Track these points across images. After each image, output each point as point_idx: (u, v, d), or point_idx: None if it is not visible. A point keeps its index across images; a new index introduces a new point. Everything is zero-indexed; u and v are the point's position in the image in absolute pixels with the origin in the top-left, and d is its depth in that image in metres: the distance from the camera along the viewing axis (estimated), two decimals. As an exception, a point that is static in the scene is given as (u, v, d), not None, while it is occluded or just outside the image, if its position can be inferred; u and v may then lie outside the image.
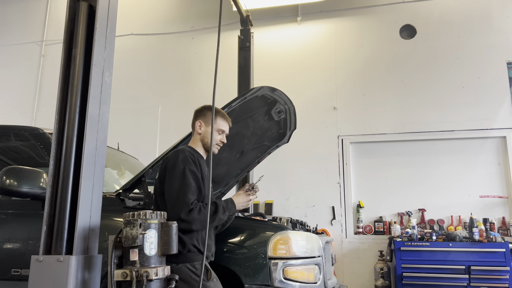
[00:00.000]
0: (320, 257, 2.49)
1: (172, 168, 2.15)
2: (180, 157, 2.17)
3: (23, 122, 6.89)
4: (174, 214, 2.01)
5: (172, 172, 2.14)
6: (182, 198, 2.05)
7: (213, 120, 2.07)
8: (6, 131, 2.88)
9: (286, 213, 5.85)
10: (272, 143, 3.33)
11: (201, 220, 2.04)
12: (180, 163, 2.14)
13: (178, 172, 2.12)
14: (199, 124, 2.37)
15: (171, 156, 2.22)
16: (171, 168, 2.15)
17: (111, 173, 3.35)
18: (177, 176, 2.12)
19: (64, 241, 1.80)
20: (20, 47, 7.61)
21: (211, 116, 2.18)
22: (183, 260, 2.02)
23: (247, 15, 5.03)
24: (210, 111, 2.35)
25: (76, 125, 1.94)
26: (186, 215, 2.02)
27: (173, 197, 2.08)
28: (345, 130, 6.02)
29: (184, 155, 2.18)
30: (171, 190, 2.11)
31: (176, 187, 2.09)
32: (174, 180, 2.11)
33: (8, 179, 2.17)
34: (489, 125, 5.59)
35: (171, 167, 2.16)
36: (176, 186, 2.10)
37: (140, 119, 6.71)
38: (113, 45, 2.16)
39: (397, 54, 6.08)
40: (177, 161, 2.15)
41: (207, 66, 6.51)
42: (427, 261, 4.71)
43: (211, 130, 2.05)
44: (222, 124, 2.39)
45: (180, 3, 7.15)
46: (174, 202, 2.07)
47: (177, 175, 2.12)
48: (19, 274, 2.35)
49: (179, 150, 2.23)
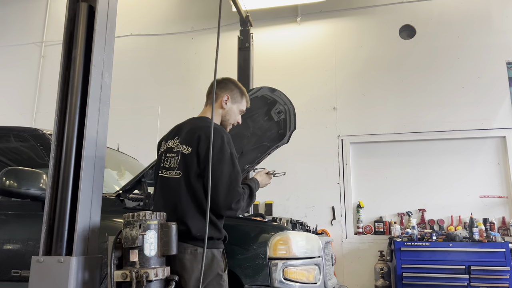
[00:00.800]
0: (320, 257, 2.49)
1: (220, 152, 1.96)
2: (225, 138, 2.01)
3: (23, 123, 6.88)
4: (226, 203, 1.93)
5: (221, 157, 1.96)
6: (235, 186, 1.95)
7: (212, 120, 2.00)
8: (6, 132, 2.88)
9: (286, 214, 5.85)
10: (272, 144, 3.33)
11: (244, 207, 2.02)
12: (226, 146, 1.99)
13: (226, 157, 1.97)
14: (226, 98, 2.22)
15: (215, 136, 1.96)
16: (218, 151, 1.96)
17: (111, 174, 3.35)
18: (227, 162, 1.97)
19: (64, 242, 1.80)
20: (20, 48, 7.62)
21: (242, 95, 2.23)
22: (215, 246, 1.98)
23: (247, 16, 5.03)
24: (238, 89, 2.28)
25: (76, 126, 1.94)
26: (237, 205, 1.95)
27: (225, 184, 1.94)
28: (345, 130, 6.02)
29: (228, 137, 2.03)
30: (220, 176, 1.93)
31: (228, 173, 1.95)
32: (224, 165, 1.95)
33: (8, 180, 2.17)
34: (489, 125, 5.59)
35: (218, 149, 1.96)
36: (227, 172, 1.95)
37: (140, 119, 6.71)
38: (113, 45, 2.16)
39: (397, 54, 6.09)
40: (223, 144, 1.98)
41: (207, 67, 6.51)
42: (427, 261, 4.71)
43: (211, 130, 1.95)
44: (245, 104, 2.32)
45: (179, 3, 7.15)
46: (225, 190, 1.93)
47: (226, 160, 1.96)
48: (19, 275, 2.35)
49: (221, 129, 2.04)
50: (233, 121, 2.29)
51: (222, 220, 2.06)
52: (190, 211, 1.94)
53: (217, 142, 1.97)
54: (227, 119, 2.25)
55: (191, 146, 2.01)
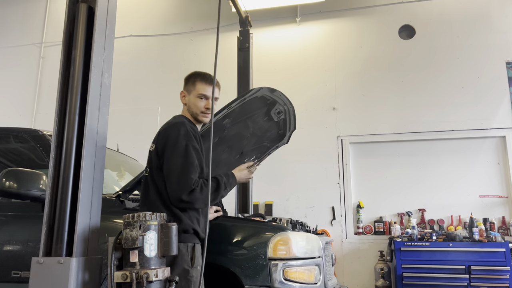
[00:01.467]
0: (320, 257, 2.49)
1: (174, 144, 2.02)
2: (182, 131, 2.05)
3: (23, 124, 6.87)
4: (175, 195, 1.96)
5: (174, 149, 2.02)
6: (185, 177, 1.96)
7: (211, 125, 2.00)
8: (6, 133, 2.88)
9: (286, 214, 5.85)
10: (271, 144, 3.33)
11: (203, 199, 1.98)
12: (182, 138, 2.03)
13: (180, 149, 2.01)
14: (182, 94, 2.29)
15: (172, 129, 2.07)
16: (173, 144, 2.03)
17: (111, 174, 3.35)
18: (180, 153, 2.00)
19: (64, 243, 1.80)
20: (20, 49, 7.61)
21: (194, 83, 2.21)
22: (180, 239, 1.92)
23: (246, 16, 5.03)
24: (192, 77, 2.28)
25: (76, 127, 1.94)
26: (188, 196, 1.95)
27: (175, 176, 1.98)
28: (344, 130, 6.03)
29: (186, 130, 2.06)
30: (172, 168, 2.00)
31: (178, 165, 1.99)
32: (176, 157, 2.00)
33: (8, 181, 2.17)
34: (489, 125, 5.60)
35: (173, 142, 2.03)
36: (178, 164, 1.99)
37: (139, 120, 6.71)
38: (112, 46, 2.16)
39: (397, 54, 6.09)
40: (179, 136, 2.03)
41: (207, 67, 6.42)
42: (427, 261, 4.71)
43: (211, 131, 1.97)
44: (201, 87, 2.22)
45: (179, 4, 7.15)
46: (175, 181, 1.97)
47: (179, 152, 2.01)
48: (19, 276, 2.35)
49: (180, 123, 2.10)
50: (198, 110, 2.23)
51: (188, 213, 2.02)
52: (155, 204, 2.01)
53: (173, 135, 2.05)
54: (193, 111, 2.24)
55: (154, 143, 2.15)
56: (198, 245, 2.06)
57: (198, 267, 2.00)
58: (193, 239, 2.03)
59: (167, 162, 2.03)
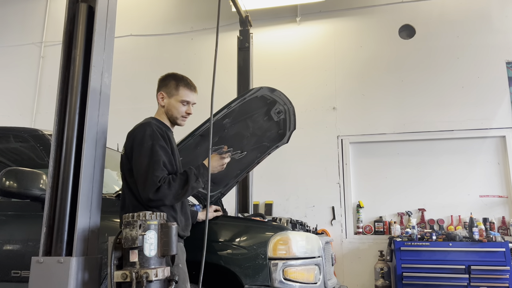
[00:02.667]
0: (320, 257, 2.49)
1: (140, 145, 2.02)
2: (148, 132, 2.04)
3: (23, 123, 6.88)
4: (144, 195, 1.95)
5: (140, 149, 2.01)
6: (150, 176, 1.95)
7: (211, 125, 2.02)
8: (6, 133, 2.88)
9: (286, 214, 5.85)
10: (271, 144, 3.33)
11: (173, 194, 1.97)
12: (148, 138, 2.02)
13: (146, 149, 2.00)
14: (161, 96, 2.23)
15: (138, 131, 2.07)
16: (138, 145, 2.02)
17: (111, 174, 3.35)
18: (145, 153, 2.00)
19: (64, 242, 1.81)
20: (20, 49, 7.61)
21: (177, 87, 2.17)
22: None
23: (246, 16, 5.02)
24: (173, 81, 2.24)
25: (76, 126, 1.94)
26: (155, 194, 1.93)
27: (142, 176, 1.98)
28: (344, 130, 6.02)
29: (152, 130, 2.05)
30: (139, 168, 1.99)
31: (144, 165, 1.98)
32: (142, 158, 2.00)
33: (8, 180, 2.17)
34: (489, 125, 5.59)
35: (138, 143, 2.03)
36: (144, 163, 1.98)
37: (139, 119, 6.62)
38: (112, 46, 2.16)
39: (397, 54, 6.09)
40: (144, 137, 2.03)
41: (207, 67, 6.51)
42: (427, 261, 4.71)
43: (211, 131, 2.00)
44: (185, 94, 2.22)
45: (179, 4, 7.15)
46: (143, 181, 1.97)
47: (145, 152, 2.00)
48: (19, 275, 2.35)
49: (146, 124, 2.10)
50: (178, 114, 2.22)
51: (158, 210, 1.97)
52: (131, 207, 2.01)
53: (138, 136, 2.05)
54: (171, 114, 2.23)
55: (124, 146, 2.15)
56: (180, 244, 2.06)
57: (180, 265, 1.99)
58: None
59: (135, 163, 2.02)
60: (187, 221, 2.19)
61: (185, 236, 2.15)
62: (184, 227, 2.15)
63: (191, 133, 2.56)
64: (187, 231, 2.18)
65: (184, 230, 2.14)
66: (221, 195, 3.48)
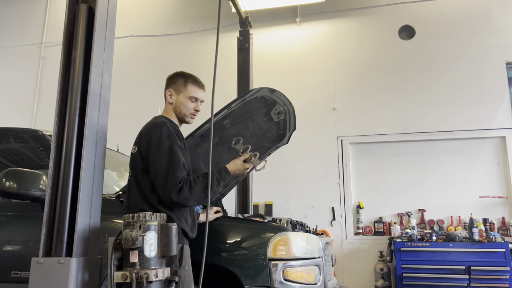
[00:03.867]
0: (320, 258, 2.49)
1: (158, 145, 2.01)
2: (164, 131, 2.04)
3: (23, 124, 6.87)
4: (166, 197, 1.95)
5: (158, 149, 2.00)
6: (171, 177, 1.94)
7: (212, 126, 2.01)
8: (6, 133, 2.88)
9: (286, 214, 5.85)
10: (271, 144, 3.33)
11: (195, 197, 1.97)
12: (165, 138, 2.02)
13: (164, 149, 1.99)
14: (169, 93, 2.24)
15: (153, 130, 2.06)
16: (156, 145, 2.01)
17: (111, 174, 3.35)
18: (164, 154, 1.99)
19: (64, 243, 1.80)
20: (20, 49, 7.61)
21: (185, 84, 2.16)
22: None
23: (246, 16, 5.02)
24: (181, 78, 2.24)
25: (76, 127, 1.94)
26: (178, 196, 1.93)
27: (161, 177, 1.96)
28: (344, 130, 6.03)
29: (168, 130, 2.05)
30: (158, 169, 1.98)
31: (164, 166, 1.97)
32: (161, 158, 1.98)
33: (8, 181, 2.17)
34: (489, 125, 5.60)
35: (156, 143, 2.02)
36: (163, 164, 1.97)
37: (139, 120, 6.62)
38: (112, 46, 2.16)
39: (396, 55, 6.09)
40: (161, 137, 2.02)
41: (207, 67, 6.48)
42: (427, 261, 4.71)
43: (211, 131, 2.00)
44: (193, 90, 2.22)
45: (179, 4, 7.15)
46: (163, 183, 1.95)
47: (163, 153, 1.99)
48: (19, 276, 2.35)
49: (161, 123, 2.09)
50: (187, 112, 2.23)
51: (175, 213, 2.00)
52: (139, 206, 1.98)
53: (155, 136, 2.03)
54: (179, 112, 2.23)
55: (136, 145, 2.11)
56: (187, 246, 2.06)
57: (187, 267, 1.99)
58: (181, 239, 2.01)
59: (153, 164, 2.00)
60: (194, 222, 2.19)
61: (192, 237, 2.13)
62: (192, 228, 2.15)
63: (191, 133, 2.56)
64: (194, 232, 2.17)
65: (191, 231, 2.13)
66: (221, 195, 3.47)
